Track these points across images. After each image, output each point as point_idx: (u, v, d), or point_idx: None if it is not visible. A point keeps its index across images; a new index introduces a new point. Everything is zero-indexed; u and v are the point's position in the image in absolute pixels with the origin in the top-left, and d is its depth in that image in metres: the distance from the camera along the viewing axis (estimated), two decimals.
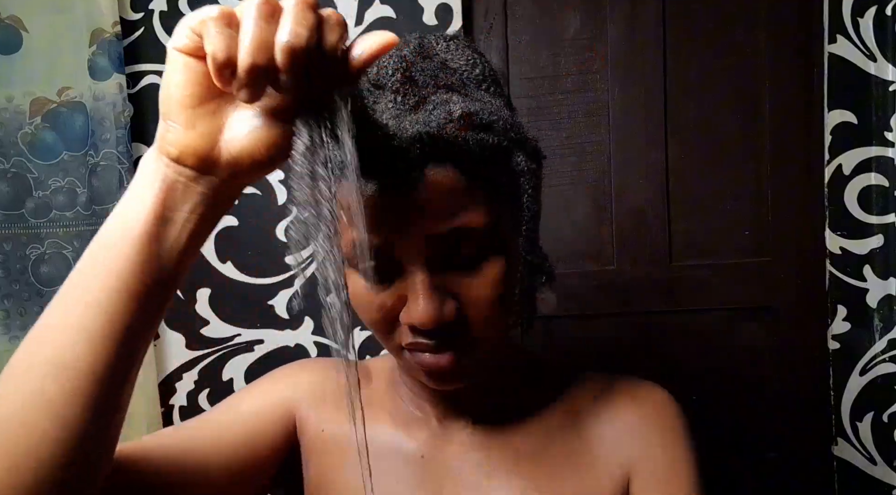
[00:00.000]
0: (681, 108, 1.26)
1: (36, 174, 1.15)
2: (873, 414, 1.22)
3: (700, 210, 1.27)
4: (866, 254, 1.21)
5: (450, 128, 0.48)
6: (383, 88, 0.50)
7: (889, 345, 1.21)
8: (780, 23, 1.24)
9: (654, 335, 1.28)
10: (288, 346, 1.23)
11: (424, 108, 0.49)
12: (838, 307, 1.23)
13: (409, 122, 0.48)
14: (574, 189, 1.27)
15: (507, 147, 0.54)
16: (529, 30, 1.27)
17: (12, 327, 1.15)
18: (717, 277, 1.26)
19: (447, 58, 0.56)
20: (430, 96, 0.50)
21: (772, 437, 1.29)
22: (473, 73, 0.56)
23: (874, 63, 1.18)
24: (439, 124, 0.48)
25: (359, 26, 1.20)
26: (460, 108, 0.49)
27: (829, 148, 1.21)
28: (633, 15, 1.25)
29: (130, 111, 1.16)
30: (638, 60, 1.25)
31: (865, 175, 1.20)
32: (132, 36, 1.19)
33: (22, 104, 1.14)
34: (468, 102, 0.51)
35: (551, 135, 1.27)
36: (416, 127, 0.47)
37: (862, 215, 1.21)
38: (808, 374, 1.27)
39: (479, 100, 0.53)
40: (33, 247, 1.15)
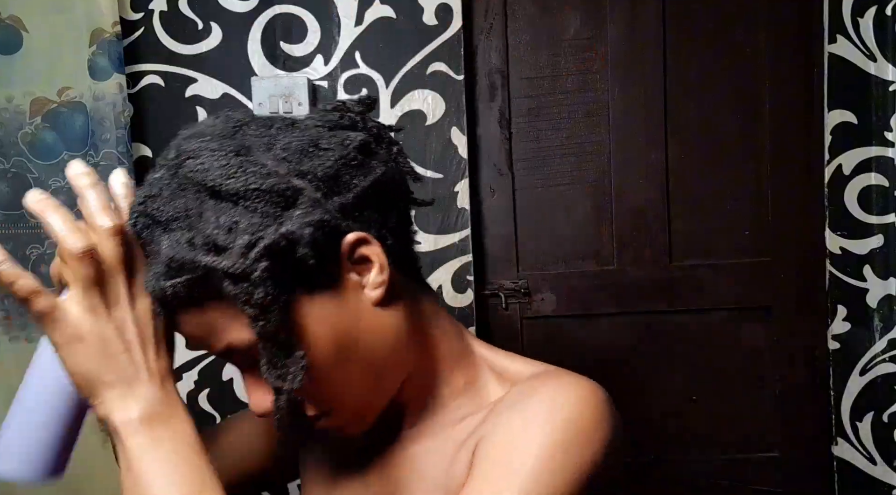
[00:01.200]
0: (681, 108, 1.26)
1: (36, 174, 1.15)
2: (873, 414, 1.22)
3: (700, 210, 1.27)
4: (866, 254, 1.21)
5: (156, 288, 0.48)
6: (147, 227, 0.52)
7: (889, 345, 1.21)
8: (780, 23, 1.24)
9: (654, 335, 1.28)
10: None
11: (150, 263, 0.50)
12: (838, 307, 1.23)
13: (148, 280, 0.49)
14: (574, 189, 1.27)
15: (210, 277, 0.47)
16: (529, 30, 1.27)
17: (12, 327, 1.15)
18: (717, 277, 1.26)
19: (194, 170, 0.49)
20: (153, 247, 0.50)
21: (772, 437, 1.29)
22: (206, 183, 0.49)
23: (874, 63, 1.18)
24: (152, 287, 0.48)
25: (359, 26, 1.20)
26: (160, 264, 0.48)
27: (829, 148, 1.21)
28: (633, 15, 1.25)
29: (130, 111, 1.16)
30: (638, 60, 1.25)
31: (865, 175, 1.20)
32: (132, 36, 1.19)
33: (22, 104, 1.14)
34: (170, 245, 0.48)
35: (551, 135, 1.27)
36: (149, 283, 0.49)
37: (862, 215, 1.21)
38: (808, 374, 1.27)
39: (195, 226, 0.48)
40: (33, 247, 1.15)
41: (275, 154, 0.48)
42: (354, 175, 0.50)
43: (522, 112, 1.27)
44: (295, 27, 1.20)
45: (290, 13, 1.20)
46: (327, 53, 1.20)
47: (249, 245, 0.46)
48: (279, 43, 1.20)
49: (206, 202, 0.48)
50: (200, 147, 0.49)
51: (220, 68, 1.20)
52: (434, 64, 1.19)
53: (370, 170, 0.51)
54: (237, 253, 0.46)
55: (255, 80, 1.19)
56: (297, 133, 0.50)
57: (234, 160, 0.47)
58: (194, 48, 1.20)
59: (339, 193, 0.49)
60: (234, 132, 0.50)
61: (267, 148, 0.49)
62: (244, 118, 0.52)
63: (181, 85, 1.20)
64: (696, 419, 1.28)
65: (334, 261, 0.49)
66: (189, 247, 0.47)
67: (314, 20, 1.20)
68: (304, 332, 0.48)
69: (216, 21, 1.19)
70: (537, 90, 1.27)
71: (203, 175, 0.48)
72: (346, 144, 0.50)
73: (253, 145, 0.49)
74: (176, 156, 0.51)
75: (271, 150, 0.49)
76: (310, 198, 0.47)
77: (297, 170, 0.48)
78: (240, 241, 0.46)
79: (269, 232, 0.46)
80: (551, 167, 1.27)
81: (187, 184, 0.49)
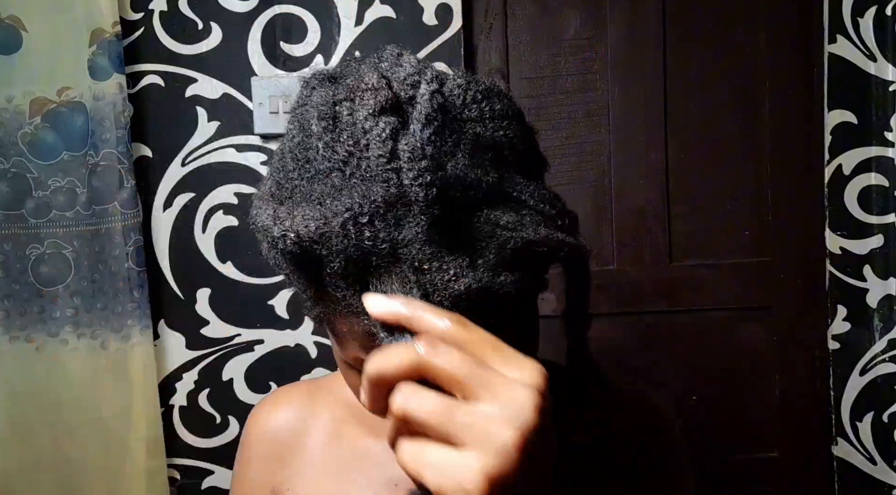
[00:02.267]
0: (681, 108, 1.26)
1: (36, 174, 1.15)
2: (873, 414, 1.22)
3: (700, 210, 1.27)
4: (866, 254, 1.21)
5: (503, 278, 0.38)
6: (408, 206, 0.37)
7: (889, 345, 1.21)
8: (780, 23, 1.24)
9: (654, 335, 1.28)
10: (288, 346, 1.23)
11: (466, 242, 0.38)
12: (838, 307, 1.23)
13: (449, 269, 0.37)
14: (574, 189, 1.27)
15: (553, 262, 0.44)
16: (529, 30, 1.27)
17: (12, 327, 1.14)
18: (717, 277, 1.26)
19: (479, 131, 0.41)
20: (470, 219, 0.39)
21: (772, 437, 1.29)
22: (514, 153, 0.43)
23: (874, 63, 1.18)
24: (489, 272, 0.38)
25: (359, 26, 1.19)
26: (512, 238, 0.39)
27: (829, 148, 1.21)
28: (633, 15, 1.25)
29: (130, 111, 1.16)
30: (638, 60, 1.25)
31: (865, 175, 1.20)
32: (132, 36, 1.19)
33: (22, 104, 1.14)
34: (518, 219, 0.40)
35: (551, 135, 1.27)
36: (461, 279, 0.37)
37: (862, 215, 1.21)
38: (808, 374, 1.27)
39: (526, 202, 0.42)
40: (33, 247, 1.15)
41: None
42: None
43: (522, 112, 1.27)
44: (295, 27, 1.20)
45: (290, 13, 1.20)
46: (327, 53, 1.20)
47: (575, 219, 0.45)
48: (279, 43, 1.20)
49: (513, 175, 0.43)
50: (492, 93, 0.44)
51: (220, 68, 1.20)
52: (434, 64, 1.19)
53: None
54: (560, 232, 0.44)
55: (255, 80, 1.19)
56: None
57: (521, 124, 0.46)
58: (194, 48, 1.20)
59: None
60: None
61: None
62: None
63: (181, 85, 1.20)
64: (695, 419, 1.28)
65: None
66: (553, 225, 0.41)
67: (314, 20, 1.20)
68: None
69: (216, 21, 1.19)
70: (537, 90, 1.27)
71: (509, 139, 0.44)
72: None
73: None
74: (440, 105, 0.41)
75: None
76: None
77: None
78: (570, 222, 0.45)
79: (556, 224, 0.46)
80: (551, 167, 1.26)
81: (490, 147, 0.42)
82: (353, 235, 0.37)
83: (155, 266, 1.21)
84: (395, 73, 0.42)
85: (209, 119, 1.20)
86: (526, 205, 0.42)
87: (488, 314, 0.38)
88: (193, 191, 1.21)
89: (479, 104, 0.42)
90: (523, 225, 0.41)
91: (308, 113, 0.42)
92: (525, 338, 0.47)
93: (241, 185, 1.21)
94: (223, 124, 1.20)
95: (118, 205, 1.15)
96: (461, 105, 0.42)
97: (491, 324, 0.37)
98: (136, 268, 1.15)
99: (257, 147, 1.21)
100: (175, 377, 1.23)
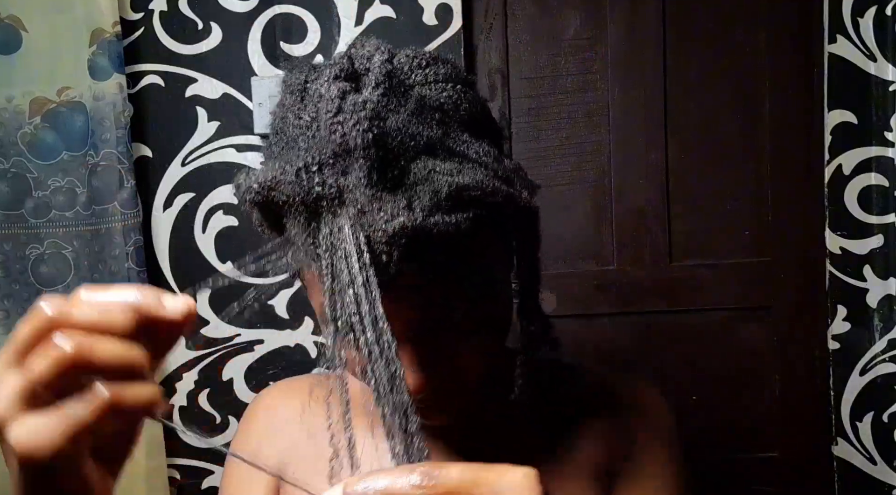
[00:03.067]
0: (681, 108, 1.26)
1: (36, 174, 1.15)
2: (873, 414, 1.22)
3: (700, 210, 1.27)
4: (866, 254, 1.21)
5: (437, 218, 0.41)
6: (350, 153, 0.41)
7: (889, 345, 1.21)
8: (780, 23, 1.24)
9: (654, 335, 1.28)
10: (288, 346, 1.23)
11: (404, 185, 0.41)
12: (838, 307, 1.23)
13: (387, 209, 0.40)
14: (574, 189, 1.27)
15: (501, 217, 0.48)
16: (529, 30, 1.27)
17: (12, 327, 1.14)
18: (717, 277, 1.26)
19: (425, 93, 0.46)
20: (408, 166, 0.42)
21: (772, 437, 1.29)
22: (458, 113, 0.47)
23: (874, 63, 1.18)
24: (424, 212, 0.41)
25: (359, 26, 1.19)
26: (447, 183, 0.42)
27: (829, 148, 1.21)
28: (633, 15, 1.25)
29: (130, 111, 1.16)
30: (638, 60, 1.25)
31: (865, 175, 1.20)
32: (132, 36, 1.19)
33: (22, 104, 1.14)
34: (456, 167, 0.43)
35: (551, 135, 1.27)
36: (396, 219, 0.40)
37: (862, 215, 1.21)
38: (808, 374, 1.27)
39: (467, 154, 0.46)
40: (33, 247, 1.15)
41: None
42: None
43: (522, 112, 1.27)
44: (295, 27, 1.20)
45: (290, 13, 1.20)
46: (327, 53, 1.20)
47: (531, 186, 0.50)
48: (279, 43, 1.20)
49: (455, 129, 0.47)
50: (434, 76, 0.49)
51: (220, 68, 1.20)
52: None
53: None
54: (522, 187, 0.48)
55: (255, 80, 1.19)
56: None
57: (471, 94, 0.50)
58: (194, 48, 1.20)
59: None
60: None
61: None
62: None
63: (181, 85, 1.20)
64: (695, 419, 1.28)
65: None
66: (485, 179, 0.44)
67: (314, 20, 1.20)
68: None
69: (216, 21, 1.19)
70: (537, 90, 1.27)
71: (462, 107, 0.48)
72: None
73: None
74: (387, 75, 0.46)
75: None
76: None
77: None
78: (519, 182, 0.48)
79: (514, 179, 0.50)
80: (551, 167, 1.27)
81: (434, 111, 0.47)
82: (304, 181, 0.41)
83: (155, 266, 1.21)
84: (358, 51, 0.48)
85: (209, 119, 1.20)
86: (468, 157, 0.46)
87: (428, 254, 0.42)
88: (193, 191, 1.21)
89: (423, 69, 0.48)
90: (461, 172, 0.44)
91: (285, 90, 0.50)
92: (482, 296, 0.49)
93: None
94: (223, 124, 1.20)
95: (118, 205, 1.15)
96: (408, 71, 0.48)
97: (434, 262, 0.43)
98: (136, 268, 1.15)
99: (257, 147, 1.21)
100: (175, 377, 1.23)
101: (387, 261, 0.41)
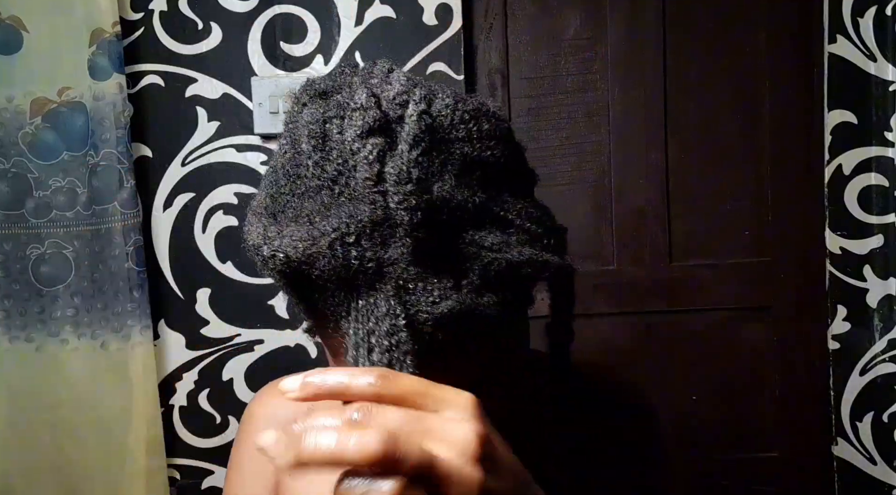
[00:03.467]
0: (681, 108, 1.26)
1: (36, 174, 1.15)
2: (873, 414, 1.22)
3: (700, 210, 1.27)
4: (866, 254, 1.21)
5: (487, 298, 0.39)
6: (393, 226, 0.38)
7: (889, 345, 1.21)
8: (780, 23, 1.24)
9: (654, 335, 1.28)
10: (288, 346, 1.23)
11: (450, 263, 0.39)
12: (838, 307, 1.23)
13: (433, 291, 0.38)
14: (574, 189, 1.27)
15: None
16: (529, 30, 1.27)
17: (12, 327, 1.14)
18: (717, 277, 1.26)
19: (467, 151, 0.41)
20: (455, 240, 0.39)
21: (772, 437, 1.29)
22: (501, 171, 0.43)
23: (874, 63, 1.18)
24: (473, 293, 0.39)
25: (359, 26, 1.20)
26: (496, 260, 0.39)
27: (829, 148, 1.21)
28: (633, 15, 1.25)
29: (130, 111, 1.16)
30: (638, 60, 1.25)
31: (865, 175, 1.20)
32: (132, 36, 1.19)
33: (22, 104, 1.14)
34: (504, 240, 0.40)
35: (551, 135, 1.27)
36: (445, 301, 0.38)
37: (862, 215, 1.21)
38: (808, 374, 1.27)
39: (513, 221, 0.42)
40: (33, 247, 1.15)
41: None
42: None
43: (522, 112, 1.27)
44: (295, 27, 1.20)
45: (290, 13, 1.20)
46: (327, 53, 1.20)
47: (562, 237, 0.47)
48: (279, 43, 1.20)
49: (499, 196, 0.43)
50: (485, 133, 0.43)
51: (220, 68, 1.20)
52: (434, 64, 1.19)
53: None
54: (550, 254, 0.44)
55: (255, 80, 1.19)
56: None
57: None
58: (194, 48, 1.20)
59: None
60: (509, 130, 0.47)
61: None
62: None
63: (181, 85, 1.20)
64: (695, 419, 1.28)
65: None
66: (539, 246, 0.41)
67: (314, 20, 1.20)
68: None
69: (216, 21, 1.19)
70: (537, 90, 1.27)
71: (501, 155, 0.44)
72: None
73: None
74: (428, 126, 0.41)
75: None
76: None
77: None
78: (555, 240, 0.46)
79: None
80: (551, 167, 1.27)
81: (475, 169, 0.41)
82: (340, 254, 0.38)
83: (155, 266, 1.21)
84: (385, 92, 0.42)
85: (209, 119, 1.20)
86: (512, 224, 0.43)
87: (472, 333, 0.39)
88: (193, 191, 1.21)
89: (466, 124, 0.42)
90: (508, 245, 0.41)
91: (299, 130, 0.43)
92: (508, 348, 0.48)
93: (241, 185, 1.21)
94: (223, 124, 1.20)
95: (118, 205, 1.15)
96: (449, 125, 0.42)
97: (474, 342, 0.39)
98: (136, 268, 1.15)
99: (257, 147, 1.21)
100: (175, 377, 1.23)
101: (429, 342, 0.39)
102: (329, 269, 0.38)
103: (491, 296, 0.40)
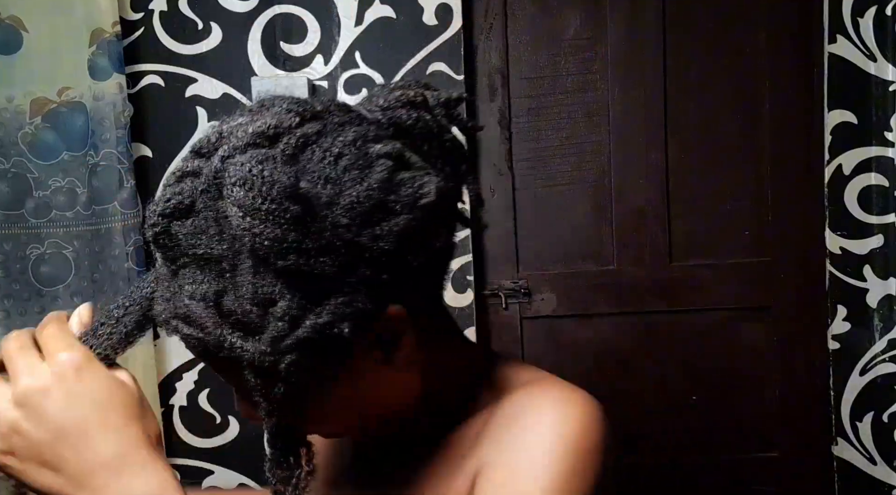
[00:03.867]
0: (681, 108, 1.26)
1: (36, 174, 1.15)
2: (873, 414, 1.22)
3: (700, 210, 1.27)
4: (866, 254, 1.21)
5: (167, 324, 0.45)
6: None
7: (889, 345, 1.21)
8: (780, 23, 1.24)
9: (654, 335, 1.28)
10: None
11: (171, 286, 0.45)
12: (838, 307, 1.23)
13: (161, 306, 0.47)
14: (574, 189, 1.27)
15: (228, 350, 0.42)
16: (529, 30, 1.27)
17: (12, 327, 1.14)
18: (717, 277, 1.26)
19: (240, 225, 0.38)
20: (170, 268, 0.46)
21: (772, 437, 1.29)
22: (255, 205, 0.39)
23: (874, 63, 1.18)
24: (165, 317, 0.46)
25: (359, 26, 1.20)
26: (176, 302, 0.44)
27: (829, 148, 1.21)
28: (633, 15, 1.25)
29: (130, 111, 1.16)
30: (638, 60, 1.25)
31: (865, 175, 1.20)
32: (132, 36, 1.19)
33: (22, 104, 1.14)
34: (192, 291, 0.42)
35: (551, 135, 1.27)
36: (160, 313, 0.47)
37: (862, 215, 1.21)
38: (808, 374, 1.27)
39: (217, 277, 0.41)
40: (33, 247, 1.15)
41: (334, 219, 0.39)
42: (417, 248, 0.42)
43: (522, 112, 1.27)
44: (295, 27, 1.20)
45: (290, 13, 1.20)
46: (327, 53, 1.20)
47: (280, 335, 0.39)
48: (279, 43, 1.20)
49: (244, 260, 0.40)
50: (248, 179, 0.38)
51: (220, 68, 1.20)
52: (434, 64, 1.19)
53: (436, 235, 0.44)
54: (267, 341, 0.40)
55: (255, 80, 1.19)
56: (366, 177, 0.40)
57: (289, 227, 0.38)
58: (194, 48, 1.20)
59: (392, 272, 0.41)
60: (294, 152, 0.40)
61: (328, 204, 0.39)
62: (302, 117, 0.42)
63: (181, 85, 1.20)
64: (696, 419, 1.28)
65: (363, 347, 0.43)
66: (215, 310, 0.41)
67: (314, 20, 1.20)
68: (312, 409, 0.46)
69: (216, 21, 1.19)
70: (537, 90, 1.27)
71: (251, 237, 0.38)
72: (418, 201, 0.41)
73: (313, 196, 0.39)
74: (216, 173, 0.40)
75: (332, 211, 0.39)
76: (358, 280, 0.40)
77: (355, 245, 0.40)
78: (272, 328, 0.39)
79: (307, 323, 0.39)
80: (551, 167, 1.27)
81: (226, 228, 0.40)
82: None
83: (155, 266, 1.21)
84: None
85: (209, 119, 1.20)
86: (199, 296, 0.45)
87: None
88: None
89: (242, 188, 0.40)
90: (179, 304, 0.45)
91: None
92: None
93: None
94: None
95: (118, 205, 1.15)
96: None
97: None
98: (136, 268, 1.15)
99: None
100: (175, 377, 1.23)
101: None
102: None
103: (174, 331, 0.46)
